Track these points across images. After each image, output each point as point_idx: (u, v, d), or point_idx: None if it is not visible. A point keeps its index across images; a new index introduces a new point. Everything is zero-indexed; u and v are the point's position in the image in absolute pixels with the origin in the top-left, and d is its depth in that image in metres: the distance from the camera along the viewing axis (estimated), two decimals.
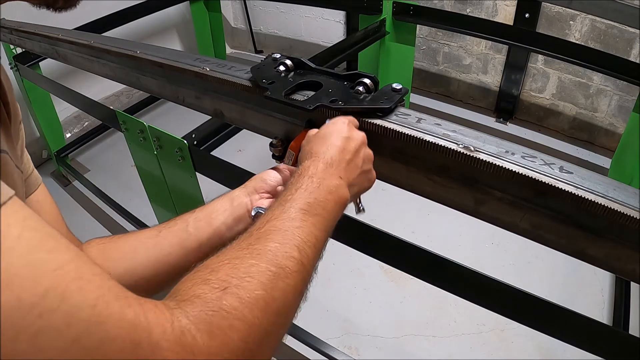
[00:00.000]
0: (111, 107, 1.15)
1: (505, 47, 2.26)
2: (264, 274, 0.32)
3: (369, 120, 0.51)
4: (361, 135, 0.48)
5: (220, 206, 0.51)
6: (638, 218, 0.40)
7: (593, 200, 0.41)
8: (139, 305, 0.25)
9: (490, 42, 2.28)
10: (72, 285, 0.22)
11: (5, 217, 0.21)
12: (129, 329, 0.23)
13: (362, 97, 0.52)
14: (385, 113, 0.51)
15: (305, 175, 0.43)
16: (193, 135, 1.01)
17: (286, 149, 0.55)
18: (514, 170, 0.45)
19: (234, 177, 0.92)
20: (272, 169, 0.54)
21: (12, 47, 1.71)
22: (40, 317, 0.21)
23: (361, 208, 0.53)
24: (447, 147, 0.47)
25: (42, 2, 0.36)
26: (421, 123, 0.51)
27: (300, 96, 0.55)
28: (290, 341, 1.34)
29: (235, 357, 0.28)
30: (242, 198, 0.51)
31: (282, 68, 0.59)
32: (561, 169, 0.45)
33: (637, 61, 1.86)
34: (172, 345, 0.25)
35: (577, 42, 1.98)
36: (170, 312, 0.26)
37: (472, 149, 0.47)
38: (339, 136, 0.46)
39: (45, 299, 0.21)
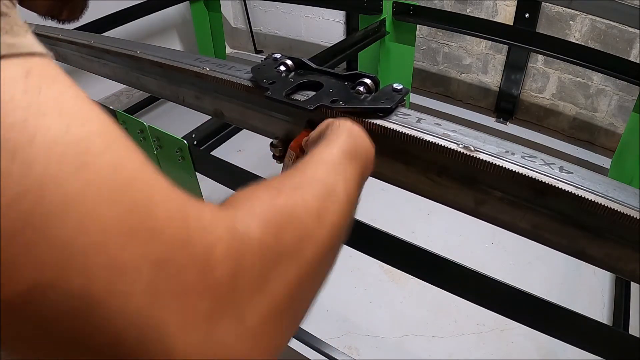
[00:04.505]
0: (111, 107, 1.15)
1: (505, 47, 2.26)
2: (316, 188, 0.32)
3: (370, 120, 0.51)
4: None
5: None
6: (638, 218, 0.40)
7: (593, 200, 0.41)
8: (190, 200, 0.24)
9: (490, 42, 2.28)
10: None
11: None
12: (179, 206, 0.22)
13: (362, 97, 0.52)
14: (386, 113, 0.51)
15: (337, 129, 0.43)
16: (193, 135, 1.01)
17: (286, 149, 0.54)
18: (514, 170, 0.45)
19: (234, 177, 0.92)
20: None
21: None
22: None
23: None
24: (447, 147, 0.47)
25: (47, 13, 0.37)
26: (421, 123, 0.51)
27: (300, 96, 0.55)
28: (290, 341, 1.34)
29: (287, 253, 0.26)
30: None
31: (282, 68, 0.59)
32: (561, 169, 0.45)
33: (637, 61, 1.86)
34: (221, 229, 0.23)
35: (577, 42, 1.98)
36: (221, 207, 0.25)
37: (472, 149, 0.47)
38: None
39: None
